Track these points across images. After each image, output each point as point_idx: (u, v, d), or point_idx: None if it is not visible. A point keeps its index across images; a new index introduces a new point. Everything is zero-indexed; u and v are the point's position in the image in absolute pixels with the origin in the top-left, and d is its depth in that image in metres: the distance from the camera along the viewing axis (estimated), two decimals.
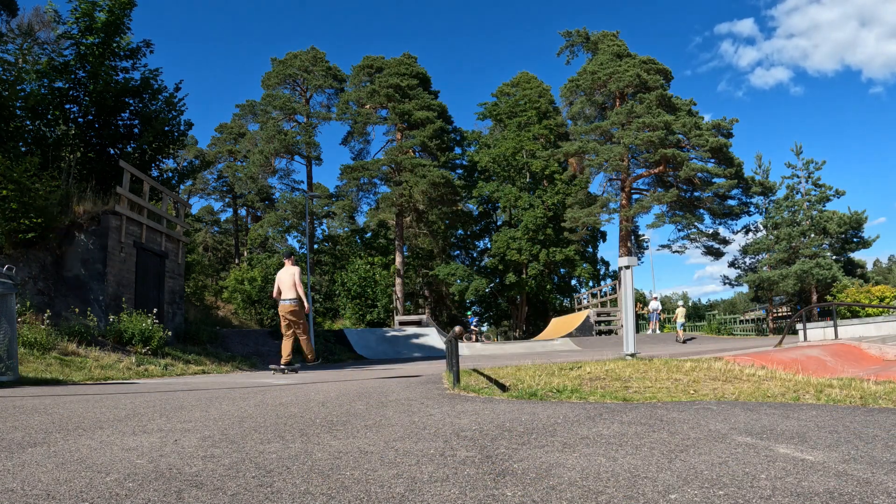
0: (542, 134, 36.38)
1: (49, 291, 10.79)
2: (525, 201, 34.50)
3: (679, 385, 3.66)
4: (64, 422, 2.80)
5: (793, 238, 28.14)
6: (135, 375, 8.37)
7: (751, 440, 2.36)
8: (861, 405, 2.88)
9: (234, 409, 3.41)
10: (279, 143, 32.98)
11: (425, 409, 3.47)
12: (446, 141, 33.85)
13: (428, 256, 37.05)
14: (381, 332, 22.26)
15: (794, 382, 3.73)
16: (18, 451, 1.93)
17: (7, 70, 12.31)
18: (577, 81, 32.39)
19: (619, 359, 5.70)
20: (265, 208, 39.73)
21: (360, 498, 1.30)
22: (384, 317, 29.80)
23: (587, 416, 2.92)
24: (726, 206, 30.59)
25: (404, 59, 34.18)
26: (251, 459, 1.73)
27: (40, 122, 13.15)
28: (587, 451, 2.24)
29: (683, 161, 28.36)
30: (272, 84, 35.05)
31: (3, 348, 6.19)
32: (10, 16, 20.93)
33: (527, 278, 34.78)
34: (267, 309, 27.72)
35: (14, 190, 10.21)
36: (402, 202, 31.86)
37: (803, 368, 5.46)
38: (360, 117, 33.26)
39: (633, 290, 6.30)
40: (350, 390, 4.87)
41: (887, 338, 10.98)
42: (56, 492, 1.37)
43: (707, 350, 9.99)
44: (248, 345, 15.65)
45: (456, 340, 4.73)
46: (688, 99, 30.89)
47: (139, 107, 14.45)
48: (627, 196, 31.51)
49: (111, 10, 13.46)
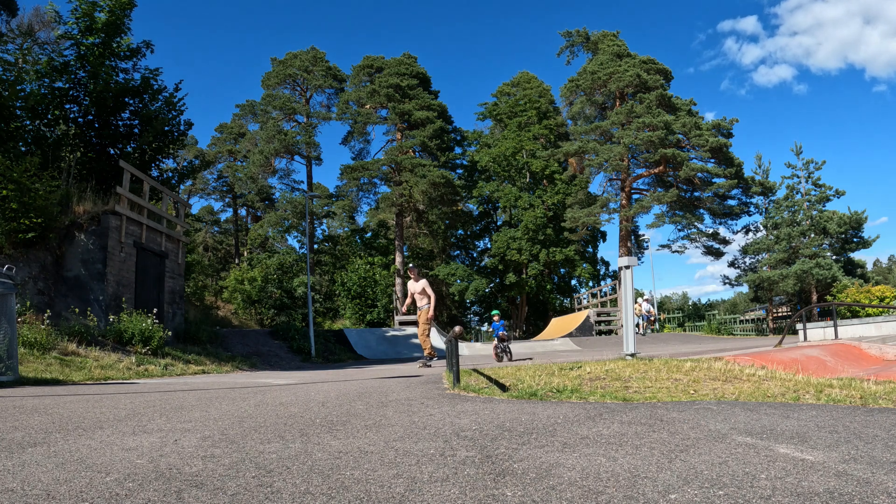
0: (542, 134, 36.38)
1: (49, 291, 10.79)
2: (525, 201, 34.50)
3: (679, 385, 3.66)
4: (64, 422, 2.80)
5: (793, 238, 28.15)
6: (135, 375, 8.37)
7: (751, 440, 2.36)
8: (861, 405, 2.88)
9: (234, 408, 3.41)
10: (279, 143, 32.98)
11: (425, 409, 3.47)
12: (446, 141, 33.85)
13: (428, 256, 37.06)
14: (381, 332, 22.25)
15: (794, 382, 3.73)
16: (18, 451, 1.93)
17: (7, 70, 12.31)
18: (577, 81, 32.40)
19: (619, 359, 5.70)
20: (265, 208, 39.73)
21: (360, 498, 1.30)
22: (384, 317, 29.81)
23: (587, 416, 2.92)
24: (726, 206, 30.60)
25: (404, 59, 34.19)
26: (251, 459, 1.73)
27: (40, 122, 13.15)
28: (587, 451, 2.24)
29: (683, 161, 28.36)
30: (272, 84, 35.04)
31: (3, 348, 6.19)
32: (10, 16, 20.93)
33: (527, 278, 34.78)
34: (267, 309, 27.69)
35: (14, 190, 10.22)
36: (402, 202, 31.86)
37: (803, 368, 5.46)
38: (360, 117, 33.26)
39: (633, 291, 6.29)
40: (350, 390, 4.87)
41: (887, 338, 10.99)
42: (56, 492, 1.37)
43: (707, 350, 9.99)
44: (248, 345, 15.65)
45: (456, 340, 4.73)
46: (688, 99, 30.91)
47: (139, 107, 14.45)
48: (627, 196, 31.51)
49: (111, 11, 13.47)
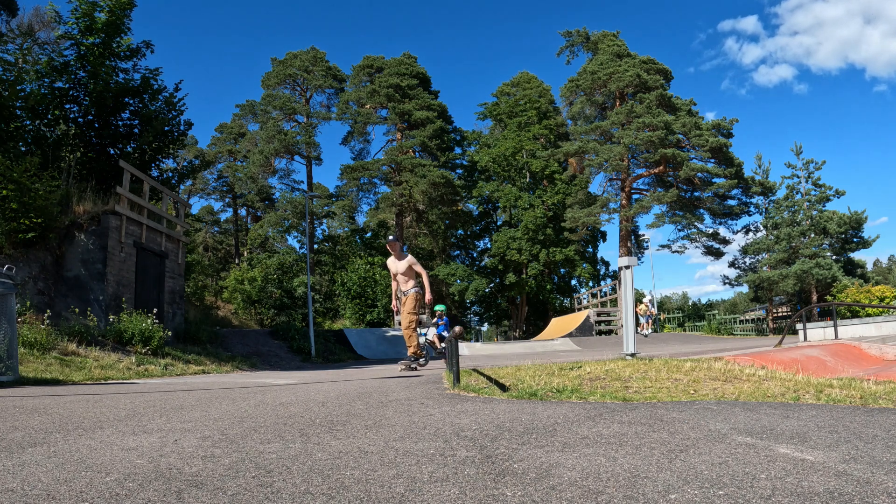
0: (542, 134, 36.38)
1: (49, 291, 10.79)
2: (525, 201, 34.50)
3: (679, 385, 3.66)
4: (64, 422, 2.80)
5: (793, 238, 28.15)
6: (135, 375, 8.37)
7: (751, 440, 2.36)
8: (861, 405, 2.88)
9: (234, 408, 3.41)
10: (279, 143, 32.98)
11: (425, 409, 3.47)
12: (446, 141, 33.85)
13: (428, 256, 37.06)
14: (381, 332, 22.25)
15: (794, 382, 3.73)
16: (18, 451, 1.93)
17: (7, 70, 12.31)
18: (577, 81, 32.40)
19: (619, 359, 5.70)
20: (265, 208, 39.72)
21: (360, 498, 1.30)
22: (384, 317, 29.80)
23: (587, 416, 2.92)
24: (726, 206, 30.61)
25: (404, 59, 34.19)
26: (251, 459, 1.73)
27: (40, 122, 13.14)
28: (587, 451, 2.24)
29: (683, 161, 28.37)
30: (272, 84, 35.05)
31: (3, 348, 6.19)
32: (10, 16, 20.94)
33: (527, 278, 34.78)
34: (267, 309, 27.68)
35: (14, 190, 10.22)
36: (402, 202, 31.86)
37: (803, 368, 5.46)
38: (360, 117, 33.27)
39: (633, 291, 6.29)
40: (350, 390, 4.87)
41: (887, 338, 10.99)
42: (56, 492, 1.37)
43: (707, 350, 9.99)
44: (248, 345, 15.64)
45: (456, 340, 4.74)
46: (688, 99, 30.93)
47: (139, 107, 14.45)
48: (627, 196, 31.51)
49: (111, 11, 13.46)
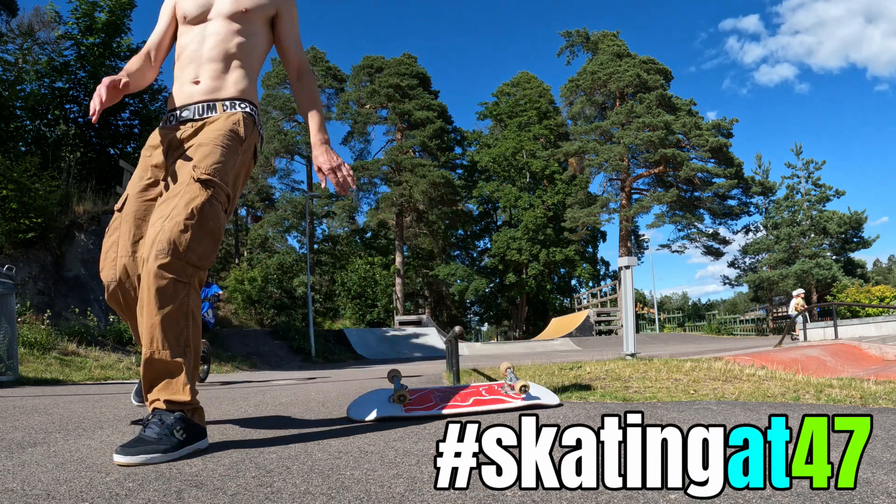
0: (542, 134, 36.39)
1: (49, 291, 10.79)
2: (525, 201, 34.50)
3: (679, 385, 3.66)
4: (64, 422, 2.80)
5: (793, 238, 28.16)
6: (135, 375, 8.37)
7: None
8: (861, 405, 2.88)
9: (234, 408, 3.41)
10: (279, 143, 32.98)
11: None
12: (446, 141, 33.85)
13: (428, 256, 37.06)
14: (381, 332, 22.25)
15: (794, 382, 3.73)
16: (18, 451, 1.93)
17: (7, 70, 12.32)
18: (577, 81, 32.42)
19: (619, 359, 5.70)
20: (265, 208, 39.72)
21: (360, 498, 1.30)
22: (384, 317, 29.81)
23: (587, 415, 2.91)
24: (726, 206, 30.61)
25: (404, 59, 34.19)
26: (251, 459, 1.73)
27: (40, 122, 13.16)
28: None
29: (683, 161, 28.37)
30: (272, 84, 35.04)
31: (3, 348, 6.19)
32: (10, 16, 20.92)
33: (527, 278, 34.78)
34: (267, 309, 27.68)
35: (14, 190, 10.22)
36: (402, 202, 31.86)
37: (803, 368, 5.46)
38: (360, 117, 33.27)
39: (633, 290, 6.29)
40: (350, 390, 4.86)
41: (887, 338, 10.99)
42: (56, 492, 1.37)
43: (707, 350, 9.99)
44: (248, 345, 15.65)
45: (456, 340, 4.73)
46: (688, 99, 30.94)
47: (139, 107, 14.46)
48: (627, 196, 31.52)
49: (112, 11, 13.48)
